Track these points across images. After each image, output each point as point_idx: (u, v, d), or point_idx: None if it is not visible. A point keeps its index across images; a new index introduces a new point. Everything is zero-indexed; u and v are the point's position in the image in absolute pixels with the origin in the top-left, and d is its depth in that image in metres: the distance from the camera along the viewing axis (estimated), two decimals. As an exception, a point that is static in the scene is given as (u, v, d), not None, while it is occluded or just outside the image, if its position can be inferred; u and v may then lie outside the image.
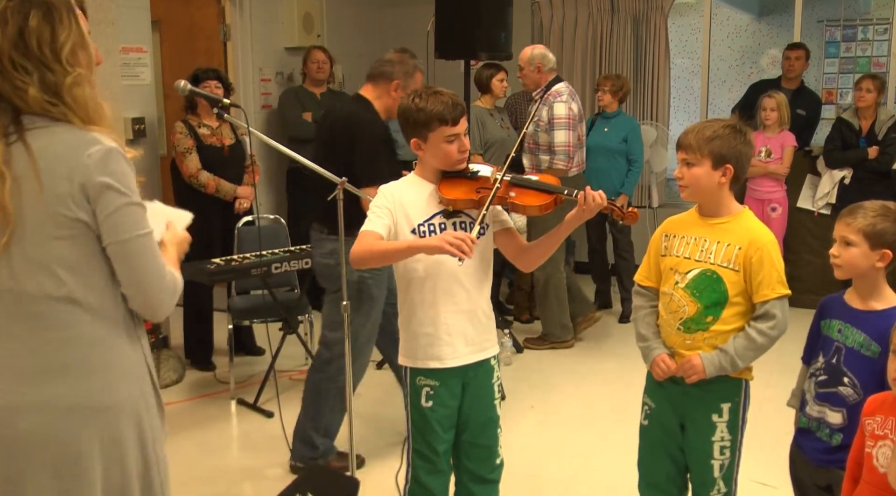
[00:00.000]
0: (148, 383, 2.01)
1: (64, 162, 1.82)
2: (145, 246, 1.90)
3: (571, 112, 5.30)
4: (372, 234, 2.58)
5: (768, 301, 2.56)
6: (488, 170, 2.71)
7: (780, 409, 2.88)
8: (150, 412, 2.00)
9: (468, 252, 2.40)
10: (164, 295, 1.93)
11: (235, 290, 5.17)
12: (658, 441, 2.79)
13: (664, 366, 2.68)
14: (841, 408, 2.45)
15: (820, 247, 6.05)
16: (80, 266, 1.87)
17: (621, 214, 2.58)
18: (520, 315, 6.34)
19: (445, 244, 2.40)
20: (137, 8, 5.32)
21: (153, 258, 1.92)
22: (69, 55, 1.87)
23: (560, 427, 4.49)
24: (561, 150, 5.26)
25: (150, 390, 2.01)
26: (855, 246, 2.43)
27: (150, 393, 2.02)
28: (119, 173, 1.85)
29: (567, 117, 5.25)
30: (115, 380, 1.92)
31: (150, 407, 2.00)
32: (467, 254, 2.40)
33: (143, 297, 1.92)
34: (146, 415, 1.98)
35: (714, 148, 2.60)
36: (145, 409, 1.98)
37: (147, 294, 1.92)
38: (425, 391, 2.70)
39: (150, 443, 1.99)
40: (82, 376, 1.89)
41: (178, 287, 1.98)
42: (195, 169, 5.07)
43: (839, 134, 6.05)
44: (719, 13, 10.09)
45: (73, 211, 1.83)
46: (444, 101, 2.60)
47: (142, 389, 1.97)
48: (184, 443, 4.28)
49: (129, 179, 1.87)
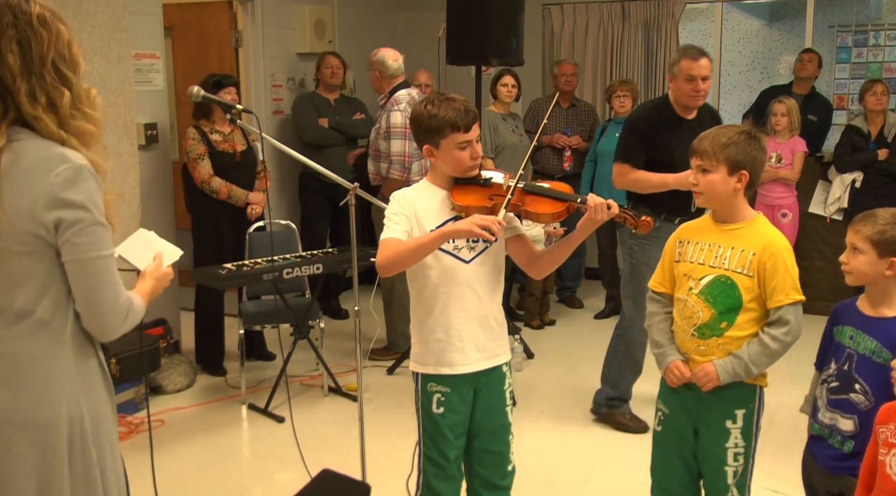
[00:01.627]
0: (102, 399, 1.98)
1: (30, 178, 1.82)
2: (103, 267, 1.88)
3: (408, 121, 5.23)
4: (393, 240, 2.58)
5: (782, 307, 2.56)
6: (500, 176, 2.71)
7: (792, 416, 2.89)
8: (99, 429, 1.96)
9: (497, 232, 2.41)
10: (114, 320, 1.92)
11: (247, 295, 5.18)
12: (672, 447, 2.79)
13: (678, 373, 2.68)
14: (852, 415, 2.44)
15: (832, 253, 6.03)
16: (37, 281, 1.86)
17: (634, 223, 2.58)
18: (530, 321, 6.33)
19: (475, 227, 2.41)
20: (150, 14, 5.35)
21: (109, 280, 1.90)
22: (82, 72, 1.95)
23: (571, 433, 4.49)
24: (396, 160, 5.23)
25: (102, 407, 1.98)
26: (863, 253, 2.43)
27: (104, 410, 1.99)
28: (85, 192, 1.84)
29: (403, 127, 5.16)
30: (51, 395, 1.88)
31: (100, 424, 1.96)
32: (496, 234, 2.41)
33: (94, 318, 1.91)
34: (94, 432, 1.94)
35: (730, 154, 2.60)
36: (93, 426, 1.94)
37: (97, 316, 1.91)
38: (436, 397, 2.70)
39: (94, 461, 1.94)
40: (10, 391, 1.86)
41: (133, 315, 1.97)
42: (207, 175, 5.08)
43: (849, 139, 6.05)
44: (730, 19, 10.05)
45: (35, 228, 1.83)
46: (457, 108, 2.59)
47: (90, 406, 1.94)
48: (195, 447, 4.29)
49: (94, 198, 1.86)
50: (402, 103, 5.26)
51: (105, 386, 2.00)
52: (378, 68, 5.37)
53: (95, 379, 1.97)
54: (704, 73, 4.11)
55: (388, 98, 5.35)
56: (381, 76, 5.37)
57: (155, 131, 5.36)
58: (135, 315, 1.98)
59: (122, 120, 4.78)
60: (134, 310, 1.97)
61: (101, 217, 1.88)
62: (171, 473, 3.93)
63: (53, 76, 1.85)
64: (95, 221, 1.86)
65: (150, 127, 5.32)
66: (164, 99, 5.56)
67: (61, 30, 1.88)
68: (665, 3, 7.16)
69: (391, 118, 5.23)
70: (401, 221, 2.62)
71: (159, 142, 5.41)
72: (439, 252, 2.62)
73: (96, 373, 1.98)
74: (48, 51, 1.84)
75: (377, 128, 5.36)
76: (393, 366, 5.36)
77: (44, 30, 1.84)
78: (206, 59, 6.34)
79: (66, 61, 1.88)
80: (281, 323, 4.97)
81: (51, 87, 1.85)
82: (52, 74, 1.85)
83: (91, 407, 1.94)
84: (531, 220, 2.70)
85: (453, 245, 2.64)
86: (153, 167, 5.39)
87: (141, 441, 4.32)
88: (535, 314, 6.34)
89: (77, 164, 1.84)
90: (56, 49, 1.85)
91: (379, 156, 5.36)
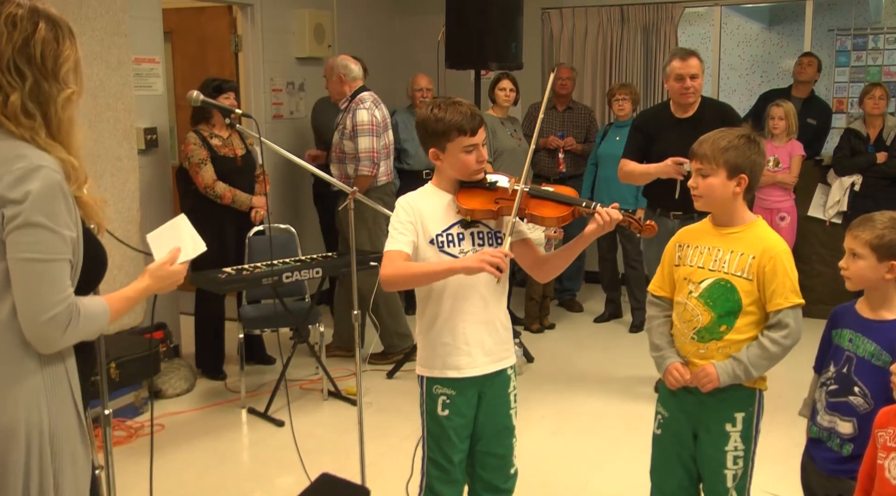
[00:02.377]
0: (67, 408, 1.92)
1: None
2: (39, 272, 1.80)
3: (375, 118, 5.29)
4: (399, 254, 2.59)
5: (781, 310, 2.56)
6: (505, 180, 2.71)
7: (791, 419, 2.88)
8: (60, 438, 1.90)
9: (505, 268, 2.43)
10: (47, 331, 1.82)
11: (246, 299, 5.18)
12: (671, 450, 2.79)
13: (677, 375, 2.67)
14: (851, 418, 2.44)
15: (830, 257, 6.03)
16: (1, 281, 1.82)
17: (639, 227, 2.61)
18: (530, 325, 6.33)
19: (485, 265, 2.43)
20: (150, 19, 5.35)
21: (47, 288, 1.80)
22: (66, 74, 1.90)
23: (571, 436, 4.49)
24: (365, 156, 5.25)
25: (67, 416, 1.92)
26: (862, 258, 2.43)
27: (68, 419, 1.93)
28: (35, 193, 1.78)
29: (370, 124, 5.24)
30: (12, 401, 1.83)
31: (61, 433, 1.90)
32: (504, 270, 2.43)
33: (25, 326, 1.82)
34: (53, 441, 1.89)
35: (729, 158, 2.61)
36: (53, 436, 1.89)
37: (28, 324, 1.82)
38: (442, 400, 2.70)
39: (49, 470, 1.88)
40: None
41: (80, 326, 1.86)
42: (211, 180, 5.07)
43: (848, 143, 6.06)
44: (729, 22, 10.07)
45: None
46: (463, 112, 2.60)
47: (52, 414, 1.88)
48: (194, 452, 4.29)
49: (44, 200, 1.80)
50: (367, 102, 5.32)
51: (72, 394, 1.94)
52: (342, 71, 5.43)
53: (62, 387, 1.91)
54: (692, 71, 4.44)
55: (349, 100, 5.39)
56: (344, 80, 5.43)
57: (154, 136, 5.36)
58: (83, 327, 1.87)
59: (122, 124, 4.78)
60: (81, 321, 1.86)
61: (46, 220, 1.80)
62: (170, 477, 3.93)
63: (12, 75, 1.83)
64: (37, 223, 1.79)
65: (150, 131, 5.32)
66: (164, 103, 5.56)
67: (39, 29, 1.86)
68: (664, 6, 7.17)
69: (357, 116, 5.26)
70: (405, 231, 2.62)
71: (159, 146, 5.41)
72: (445, 256, 2.62)
73: (63, 380, 1.92)
74: (6, 48, 1.82)
75: (341, 129, 5.38)
76: (393, 370, 5.36)
77: (6, 28, 1.82)
78: (206, 63, 6.34)
79: (34, 61, 1.85)
80: (281, 327, 4.97)
81: (7, 85, 1.83)
82: (10, 74, 1.83)
83: (54, 415, 1.89)
84: (536, 223, 2.70)
85: (459, 249, 2.64)
86: (153, 171, 5.39)
87: (140, 445, 4.33)
88: (534, 318, 6.34)
89: (34, 164, 1.80)
90: (16, 47, 1.82)
91: (344, 158, 5.38)
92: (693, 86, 4.45)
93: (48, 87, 1.86)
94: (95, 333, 1.95)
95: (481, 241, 2.67)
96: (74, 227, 1.88)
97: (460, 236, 2.66)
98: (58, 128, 1.88)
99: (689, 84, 4.44)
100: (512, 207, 2.58)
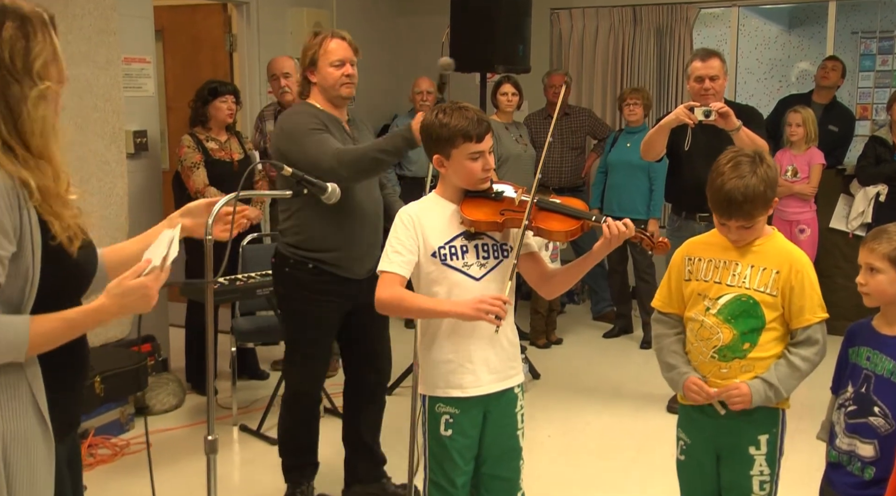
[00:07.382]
0: (28, 424, 1.87)
1: None
2: None
3: None
4: (394, 278, 2.57)
5: (811, 326, 2.53)
6: (511, 190, 2.67)
7: (809, 443, 2.84)
8: (15, 455, 1.85)
9: (504, 316, 2.42)
10: None
11: (239, 311, 5.11)
12: (696, 476, 2.74)
13: (696, 388, 2.58)
14: (872, 440, 2.40)
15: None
16: None
17: (651, 244, 2.57)
18: (536, 340, 6.22)
19: (482, 314, 2.42)
20: (140, 17, 5.29)
21: None
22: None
23: (579, 458, 4.40)
24: None
25: (27, 432, 1.87)
26: (881, 272, 2.40)
27: (28, 436, 1.88)
28: None
29: None
30: None
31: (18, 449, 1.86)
32: (503, 317, 2.42)
33: None
34: (7, 457, 1.84)
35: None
36: (7, 452, 1.84)
37: None
38: (445, 419, 2.65)
39: (2, 486, 1.84)
40: None
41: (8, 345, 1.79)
42: (202, 184, 4.99)
43: (873, 151, 5.91)
44: (747, 24, 10.03)
45: None
46: (469, 117, 2.56)
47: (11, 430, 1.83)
48: (184, 470, 4.17)
49: None
50: None
51: (34, 401, 1.88)
52: None
53: (23, 401, 1.86)
54: (711, 73, 4.43)
55: None
56: None
57: (144, 139, 5.29)
58: (22, 349, 1.79)
59: (110, 127, 4.72)
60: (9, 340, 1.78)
61: None
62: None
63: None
64: None
65: (140, 134, 5.25)
66: (155, 105, 5.52)
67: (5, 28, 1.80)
68: (679, 7, 7.07)
69: None
70: (402, 250, 2.59)
71: (149, 150, 5.35)
72: (448, 269, 2.60)
73: (26, 395, 1.86)
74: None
75: None
76: (392, 386, 5.18)
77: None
78: (199, 63, 6.31)
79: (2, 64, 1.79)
80: (275, 340, 4.94)
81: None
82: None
83: (11, 431, 1.84)
84: (543, 237, 2.67)
85: (462, 262, 2.61)
86: (142, 176, 5.33)
87: (126, 464, 4.29)
88: (541, 332, 6.23)
89: None
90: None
91: None
92: (713, 87, 4.43)
93: (19, 88, 1.82)
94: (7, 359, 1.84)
95: (486, 254, 2.63)
96: (10, 245, 1.80)
97: (464, 248, 2.62)
98: (31, 131, 1.83)
99: (708, 85, 4.43)
100: (517, 220, 2.55)
